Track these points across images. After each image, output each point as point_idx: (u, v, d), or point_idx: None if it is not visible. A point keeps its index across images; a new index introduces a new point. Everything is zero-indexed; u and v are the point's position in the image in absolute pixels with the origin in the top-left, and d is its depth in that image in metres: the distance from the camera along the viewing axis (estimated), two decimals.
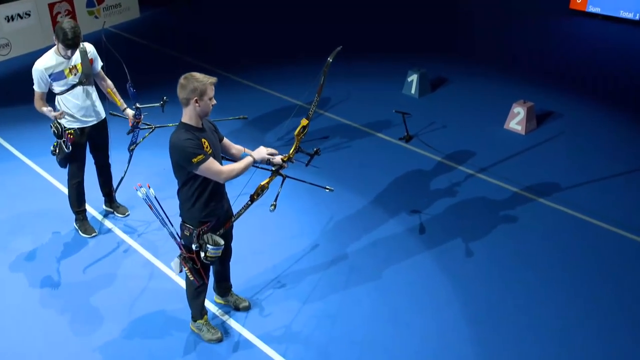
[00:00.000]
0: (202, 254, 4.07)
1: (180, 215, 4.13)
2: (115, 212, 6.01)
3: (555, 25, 11.77)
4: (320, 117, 7.97)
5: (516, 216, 6.04)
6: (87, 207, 5.83)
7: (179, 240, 4.18)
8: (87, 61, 5.24)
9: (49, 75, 5.05)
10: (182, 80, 3.81)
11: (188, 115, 3.88)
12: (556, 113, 8.18)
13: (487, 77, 9.33)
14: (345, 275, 5.24)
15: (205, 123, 4.02)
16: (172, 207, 4.23)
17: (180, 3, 13.03)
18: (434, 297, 5.01)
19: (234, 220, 4.39)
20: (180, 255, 4.20)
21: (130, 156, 5.86)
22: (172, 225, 4.18)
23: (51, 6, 10.49)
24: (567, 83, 9.12)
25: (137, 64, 5.47)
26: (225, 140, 4.27)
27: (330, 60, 4.54)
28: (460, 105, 8.40)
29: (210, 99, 3.86)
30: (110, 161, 5.82)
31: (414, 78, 8.66)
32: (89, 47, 5.31)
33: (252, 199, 4.37)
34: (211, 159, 3.86)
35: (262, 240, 5.62)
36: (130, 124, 5.54)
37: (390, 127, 7.70)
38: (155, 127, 5.80)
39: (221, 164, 4.03)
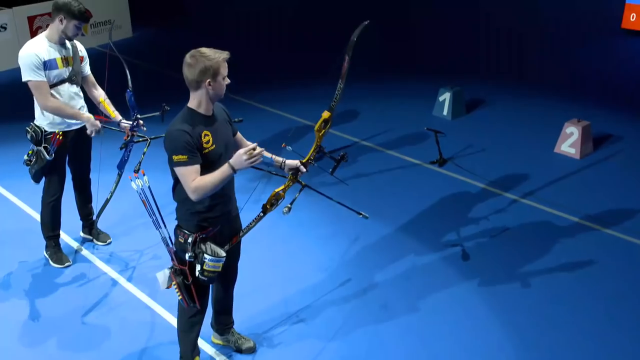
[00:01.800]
0: (198, 267, 3.67)
1: (177, 218, 3.76)
2: (94, 240, 5.70)
3: (606, 44, 11.77)
4: (340, 139, 7.84)
5: (577, 248, 5.65)
6: (60, 233, 5.50)
7: (171, 246, 3.79)
8: (78, 58, 5.08)
9: (43, 63, 4.81)
10: (188, 59, 3.50)
11: (197, 100, 3.56)
12: (615, 136, 7.89)
13: (532, 97, 9.29)
14: (373, 313, 4.83)
15: (217, 110, 3.69)
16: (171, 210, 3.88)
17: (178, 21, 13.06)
18: (482, 341, 4.57)
19: (243, 235, 4.03)
20: (170, 267, 3.80)
21: (119, 175, 5.52)
22: (166, 227, 3.79)
23: (31, 19, 10.41)
24: (623, 104, 8.96)
25: (132, 85, 5.23)
26: (239, 136, 3.95)
27: (355, 39, 4.20)
28: (501, 128, 8.27)
29: (224, 78, 3.56)
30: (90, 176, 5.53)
31: (446, 97, 8.45)
32: (80, 46, 5.16)
33: (265, 210, 4.03)
34: (191, 168, 3.47)
35: (271, 270, 5.36)
36: (125, 137, 5.23)
37: (420, 150, 7.56)
38: (151, 139, 5.46)
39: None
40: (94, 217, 5.70)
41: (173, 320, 4.48)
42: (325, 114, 4.13)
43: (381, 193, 6.63)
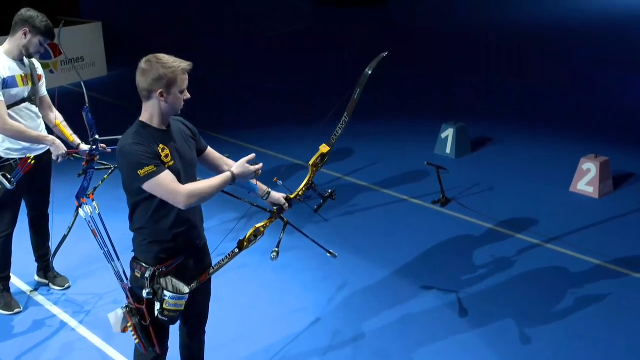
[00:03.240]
0: (157, 306, 3.46)
1: (133, 250, 3.56)
2: (51, 284, 5.50)
3: (622, 75, 11.79)
4: (334, 178, 7.78)
5: (602, 294, 5.48)
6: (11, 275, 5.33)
7: (125, 282, 3.58)
8: (36, 76, 5.00)
9: (2, 81, 4.70)
10: (143, 64, 3.38)
11: (149, 113, 3.42)
12: (637, 174, 7.80)
13: (542, 133, 9.32)
14: None
15: (173, 124, 3.55)
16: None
17: None
18: None
19: (213, 272, 3.82)
20: (125, 307, 3.57)
21: (78, 208, 5.33)
22: (119, 260, 3.60)
23: None
24: None
25: (108, 127, 5.18)
26: (211, 152, 3.78)
27: (370, 72, 4.13)
28: (509, 166, 8.22)
29: (182, 92, 3.42)
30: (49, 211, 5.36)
31: (449, 134, 8.39)
32: (37, 64, 5.08)
33: (241, 246, 3.88)
34: (166, 173, 3.33)
35: (254, 316, 5.20)
36: (84, 163, 5.06)
37: (420, 189, 7.48)
38: (114, 168, 5.30)
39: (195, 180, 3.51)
40: (51, 258, 5.49)
41: None
42: (324, 148, 4.05)
43: (377, 233, 6.51)
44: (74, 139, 5.10)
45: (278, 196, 3.87)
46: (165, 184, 3.31)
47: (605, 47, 14.61)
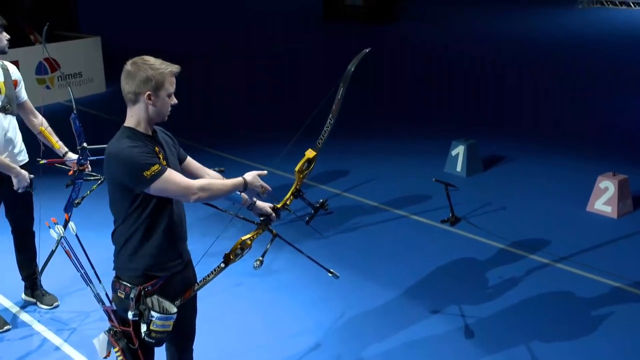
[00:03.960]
0: (143, 327, 3.40)
1: (115, 268, 3.50)
2: (38, 303, 5.46)
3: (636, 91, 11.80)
4: (336, 197, 7.74)
5: (620, 317, 5.39)
6: None
7: (108, 305, 3.51)
8: (10, 82, 4.95)
9: None
10: (128, 66, 3.34)
11: (135, 118, 3.39)
12: None
13: (557, 151, 9.28)
14: None
15: (158, 132, 3.53)
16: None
17: None
18: None
19: (199, 289, 3.77)
20: (109, 330, 3.51)
21: (67, 221, 5.28)
22: (100, 282, 3.54)
23: None
24: None
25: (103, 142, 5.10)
26: (191, 162, 3.75)
27: (352, 69, 4.09)
28: (523, 185, 8.16)
29: (169, 96, 3.40)
30: (35, 228, 5.29)
31: (460, 151, 8.35)
32: (12, 68, 5.03)
33: (228, 260, 3.84)
34: (171, 170, 3.34)
35: (247, 338, 5.11)
36: (70, 172, 5.04)
37: (428, 208, 7.43)
38: (104, 178, 5.27)
39: None
40: (39, 276, 5.44)
41: None
42: (310, 153, 4.04)
43: (380, 253, 6.46)
44: (60, 145, 5.07)
45: (264, 205, 3.83)
46: (176, 179, 3.32)
47: (622, 63, 14.61)
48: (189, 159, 3.73)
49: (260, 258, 3.89)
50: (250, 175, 3.56)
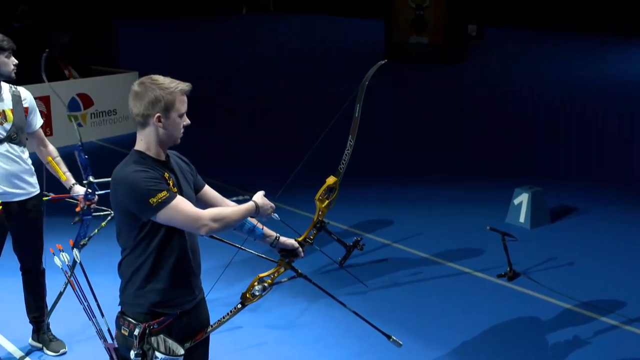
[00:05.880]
0: None
1: (120, 303, 3.55)
2: (45, 349, 5.52)
3: None
4: (384, 248, 7.71)
5: None
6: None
7: (110, 342, 3.54)
8: (21, 110, 5.09)
9: None
10: (136, 87, 3.42)
11: (145, 142, 3.45)
12: None
13: (637, 206, 9.06)
14: None
15: (172, 157, 3.58)
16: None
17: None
18: None
19: (212, 331, 3.78)
20: None
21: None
22: (103, 316, 3.57)
23: None
24: None
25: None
26: (208, 191, 3.79)
27: (367, 83, 4.13)
28: (594, 240, 8.02)
29: (181, 116, 3.46)
30: (44, 266, 5.41)
31: (523, 199, 8.27)
32: (25, 93, 5.16)
33: (245, 300, 3.87)
34: (180, 198, 3.38)
35: None
36: (78, 208, 5.14)
37: (484, 262, 7.37)
38: (113, 214, 5.37)
39: None
40: (46, 319, 5.53)
41: None
42: (330, 180, 4.07)
43: (429, 310, 6.42)
44: (67, 177, 5.18)
45: (290, 242, 3.83)
46: (184, 208, 3.34)
47: None
48: (206, 187, 3.78)
49: (270, 281, 3.87)
50: (259, 197, 3.58)
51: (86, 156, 5.05)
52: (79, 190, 5.15)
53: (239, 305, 3.86)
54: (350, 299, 5.14)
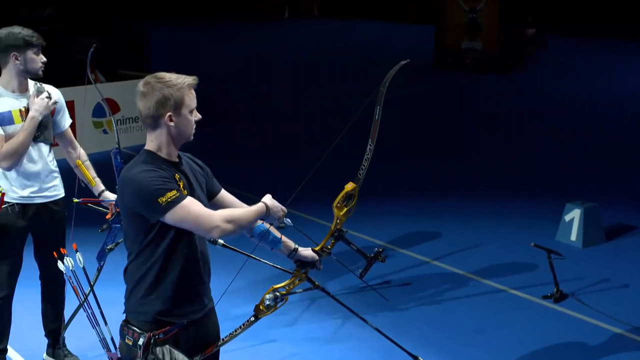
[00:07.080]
0: None
1: (125, 311, 3.63)
2: None
3: None
4: (422, 265, 7.73)
5: None
6: (10, 350, 5.45)
7: (113, 352, 3.62)
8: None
9: None
10: (141, 86, 3.48)
11: (156, 143, 3.52)
12: None
13: None
14: None
15: (185, 159, 3.67)
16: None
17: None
18: None
19: (223, 344, 3.84)
20: None
21: (99, 269, 5.47)
22: (107, 325, 3.66)
23: None
24: None
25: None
26: (225, 196, 3.86)
27: (387, 83, 4.18)
28: None
29: (191, 112, 3.53)
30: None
31: (575, 216, 8.22)
32: (54, 91, 5.27)
33: (259, 312, 3.91)
34: (191, 199, 3.44)
35: None
36: (108, 215, 5.20)
37: (528, 281, 7.36)
38: None
39: None
40: (62, 332, 5.61)
41: None
42: (349, 186, 4.09)
43: (464, 330, 6.43)
44: (97, 183, 5.27)
45: (310, 254, 3.87)
46: (195, 209, 3.40)
47: None
48: (223, 191, 3.84)
49: (283, 292, 3.91)
50: (268, 199, 3.66)
51: (122, 160, 5.11)
52: (109, 196, 5.22)
53: (252, 318, 3.91)
54: (375, 317, 5.18)
